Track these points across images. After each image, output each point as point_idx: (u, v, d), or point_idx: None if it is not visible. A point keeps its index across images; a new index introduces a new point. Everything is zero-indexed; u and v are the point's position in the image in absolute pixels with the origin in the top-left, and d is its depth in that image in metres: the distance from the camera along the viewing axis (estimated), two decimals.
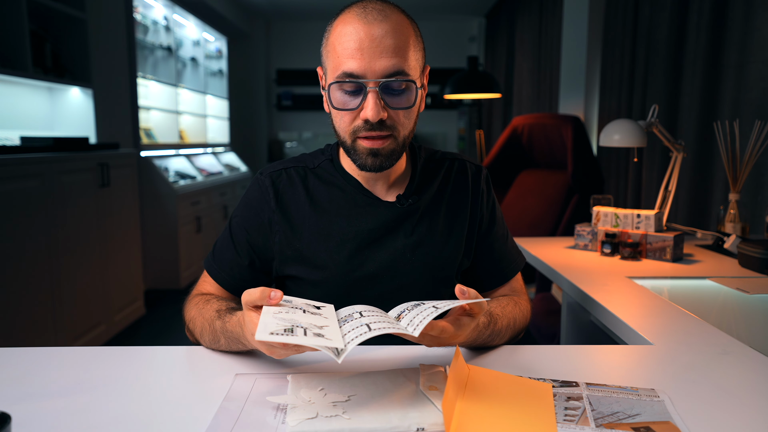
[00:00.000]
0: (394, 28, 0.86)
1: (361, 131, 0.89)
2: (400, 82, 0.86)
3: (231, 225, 1.01)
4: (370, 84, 0.85)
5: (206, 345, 0.92)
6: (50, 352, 0.88)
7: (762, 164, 1.86)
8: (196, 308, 0.94)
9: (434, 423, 0.65)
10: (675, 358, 0.88)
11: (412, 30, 0.89)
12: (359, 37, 0.84)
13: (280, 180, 0.99)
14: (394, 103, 0.88)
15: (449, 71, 6.72)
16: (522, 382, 0.76)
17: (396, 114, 0.88)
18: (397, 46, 0.85)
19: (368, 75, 0.85)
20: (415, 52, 0.89)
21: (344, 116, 0.89)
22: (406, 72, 0.86)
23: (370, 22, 0.85)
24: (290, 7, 6.20)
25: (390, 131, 0.89)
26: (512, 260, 1.07)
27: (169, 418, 0.68)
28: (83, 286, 2.69)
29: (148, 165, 3.85)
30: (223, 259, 1.00)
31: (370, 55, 0.84)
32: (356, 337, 0.67)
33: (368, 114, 0.86)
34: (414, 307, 0.77)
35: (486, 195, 1.05)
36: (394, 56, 0.85)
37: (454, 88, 3.78)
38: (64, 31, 3.06)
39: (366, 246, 0.96)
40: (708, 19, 2.14)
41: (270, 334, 0.65)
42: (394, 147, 0.90)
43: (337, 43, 0.87)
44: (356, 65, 0.84)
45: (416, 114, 0.93)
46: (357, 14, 0.86)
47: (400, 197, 0.98)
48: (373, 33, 0.84)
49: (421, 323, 0.70)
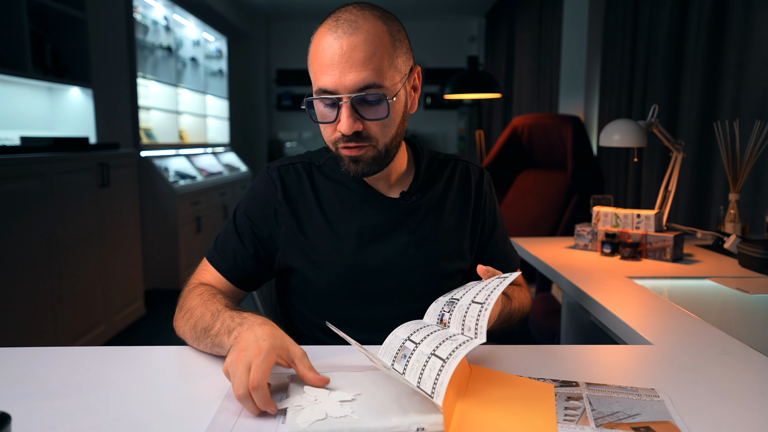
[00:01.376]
0: (364, 40, 0.85)
1: (340, 142, 0.91)
2: (372, 95, 0.87)
3: (235, 216, 1.01)
4: (343, 99, 0.86)
5: (191, 337, 0.88)
6: (50, 352, 0.88)
7: (762, 164, 1.86)
8: (200, 298, 0.90)
9: (434, 423, 0.65)
10: (675, 358, 0.88)
11: (387, 37, 0.88)
12: (330, 53, 0.86)
13: (287, 174, 1.01)
14: (368, 114, 0.89)
15: (449, 71, 6.73)
16: (524, 383, 0.77)
17: (372, 125, 0.89)
18: (366, 59, 0.85)
19: (340, 90, 0.86)
20: (391, 59, 0.88)
21: (326, 128, 0.92)
22: (378, 84, 0.86)
23: (340, 37, 0.86)
24: (290, 7, 6.21)
25: (367, 141, 0.90)
26: (512, 260, 1.12)
27: (168, 418, 0.68)
28: (83, 286, 2.69)
29: (148, 165, 3.85)
30: (226, 249, 0.99)
31: (340, 70, 0.85)
32: (438, 377, 0.66)
33: (342, 128, 0.88)
34: (450, 306, 0.79)
35: (489, 198, 1.08)
36: (364, 69, 0.85)
37: (454, 88, 3.78)
38: (64, 31, 3.06)
39: (370, 241, 0.97)
40: (708, 19, 2.14)
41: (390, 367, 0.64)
42: (374, 154, 0.92)
43: (314, 58, 0.89)
44: (329, 81, 0.86)
45: (399, 120, 0.93)
46: (329, 28, 0.87)
47: (404, 194, 1.00)
48: (342, 47, 0.85)
49: (481, 326, 0.73)
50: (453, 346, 0.69)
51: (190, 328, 0.88)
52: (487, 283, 0.80)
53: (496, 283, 0.78)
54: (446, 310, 0.80)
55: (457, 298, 0.81)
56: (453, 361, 0.67)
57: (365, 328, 0.96)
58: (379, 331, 0.92)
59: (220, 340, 0.81)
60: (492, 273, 0.86)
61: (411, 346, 0.74)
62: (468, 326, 0.74)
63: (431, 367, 0.68)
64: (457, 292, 0.83)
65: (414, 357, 0.71)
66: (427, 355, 0.70)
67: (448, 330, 0.76)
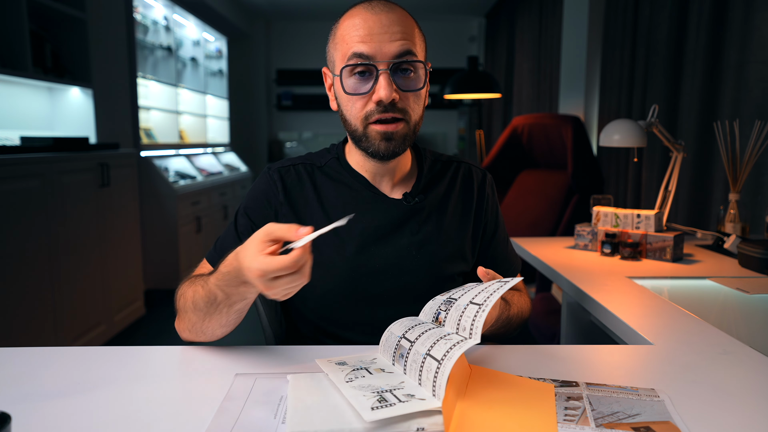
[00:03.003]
0: (400, 17, 0.90)
1: (373, 115, 0.90)
2: (409, 63, 0.90)
3: (236, 217, 1.01)
4: (381, 66, 0.88)
5: (200, 319, 0.84)
6: (50, 352, 0.88)
7: (762, 164, 1.86)
8: (186, 284, 0.88)
9: (434, 423, 0.65)
10: (675, 358, 0.88)
11: (416, 24, 0.94)
12: (368, 24, 0.88)
13: (288, 175, 1.01)
14: (404, 85, 0.90)
15: (449, 71, 6.71)
16: (524, 383, 0.76)
17: (406, 97, 0.91)
18: (404, 32, 0.89)
19: (378, 57, 0.88)
20: (420, 41, 0.94)
21: (356, 102, 0.91)
22: (415, 53, 0.90)
23: (377, 12, 0.89)
24: (290, 7, 6.20)
25: (402, 114, 0.91)
26: (513, 263, 1.12)
27: (168, 418, 0.68)
28: (83, 286, 2.69)
29: (148, 165, 3.85)
30: (225, 248, 0.98)
31: (379, 39, 0.88)
32: (435, 378, 0.67)
33: (381, 95, 0.88)
34: (448, 305, 0.78)
35: (491, 200, 1.08)
36: (403, 38, 0.89)
37: (454, 88, 3.78)
38: (64, 31, 3.06)
39: (372, 242, 0.97)
40: (708, 19, 2.14)
41: (371, 410, 0.63)
42: (407, 132, 0.92)
43: (346, 33, 0.90)
44: (366, 48, 0.88)
45: (424, 99, 0.95)
46: (364, 7, 0.91)
47: (407, 195, 1.00)
48: (381, 20, 0.88)
49: (476, 327, 0.72)
50: (447, 346, 0.70)
51: (192, 311, 0.85)
52: (487, 286, 0.80)
53: (497, 287, 0.78)
54: (443, 309, 0.80)
55: (455, 297, 0.81)
56: (448, 363, 0.67)
57: (366, 330, 0.96)
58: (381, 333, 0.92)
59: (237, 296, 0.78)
60: (492, 276, 0.85)
61: (407, 345, 0.74)
62: (463, 326, 0.74)
63: (428, 369, 0.68)
64: (456, 292, 0.83)
65: (411, 357, 0.72)
66: (423, 355, 0.70)
67: (442, 329, 0.76)
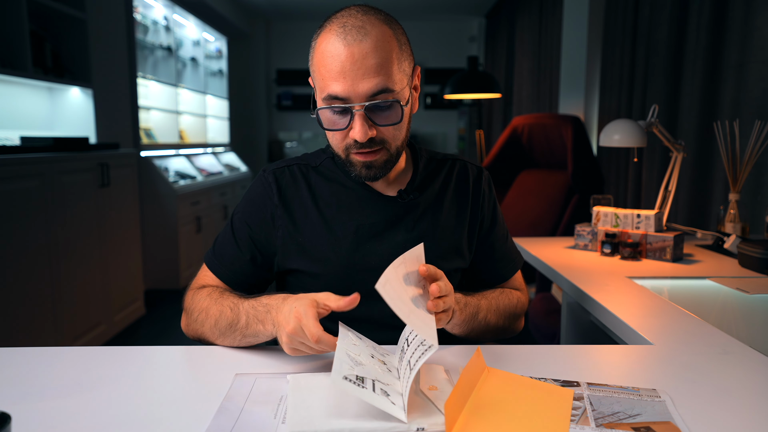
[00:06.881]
0: (375, 45, 0.85)
1: (352, 148, 0.91)
2: (384, 102, 0.87)
3: (233, 221, 1.02)
4: (356, 107, 0.86)
5: (212, 335, 0.91)
6: (50, 352, 0.88)
7: (762, 164, 1.86)
8: (209, 298, 0.93)
9: (434, 423, 0.65)
10: (675, 358, 0.88)
11: (394, 40, 0.88)
12: (341, 60, 0.84)
13: (283, 176, 1.01)
14: (381, 120, 0.89)
15: (449, 71, 6.73)
16: (542, 387, 0.76)
17: (384, 130, 0.90)
18: (378, 65, 0.85)
19: (353, 98, 0.85)
20: (399, 63, 0.88)
21: (335, 135, 0.91)
22: (391, 89, 0.86)
23: (350, 44, 0.84)
24: (290, 7, 6.20)
25: (380, 145, 0.91)
26: (512, 259, 1.11)
27: (169, 418, 0.68)
28: (83, 286, 2.69)
29: (148, 165, 3.85)
30: (224, 255, 1.00)
31: (352, 77, 0.84)
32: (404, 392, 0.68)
33: (356, 136, 0.87)
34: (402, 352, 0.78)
35: (487, 196, 1.08)
36: (377, 75, 0.85)
37: (454, 88, 3.78)
38: (64, 31, 3.06)
39: (367, 239, 0.97)
40: (708, 19, 2.14)
41: (344, 378, 0.65)
42: (387, 158, 0.93)
43: (321, 64, 0.87)
44: (340, 88, 0.85)
45: (407, 122, 0.94)
46: (337, 34, 0.86)
47: (402, 192, 1.00)
48: (353, 54, 0.84)
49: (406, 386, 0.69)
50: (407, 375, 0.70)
51: (210, 327, 0.91)
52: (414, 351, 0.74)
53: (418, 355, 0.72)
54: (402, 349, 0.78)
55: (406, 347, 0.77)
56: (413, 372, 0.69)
57: (363, 327, 0.96)
58: (377, 330, 0.92)
59: (254, 330, 0.86)
60: (432, 272, 0.81)
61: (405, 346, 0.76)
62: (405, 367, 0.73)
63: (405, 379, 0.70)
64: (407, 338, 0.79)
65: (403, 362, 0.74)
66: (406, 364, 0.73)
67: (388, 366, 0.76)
